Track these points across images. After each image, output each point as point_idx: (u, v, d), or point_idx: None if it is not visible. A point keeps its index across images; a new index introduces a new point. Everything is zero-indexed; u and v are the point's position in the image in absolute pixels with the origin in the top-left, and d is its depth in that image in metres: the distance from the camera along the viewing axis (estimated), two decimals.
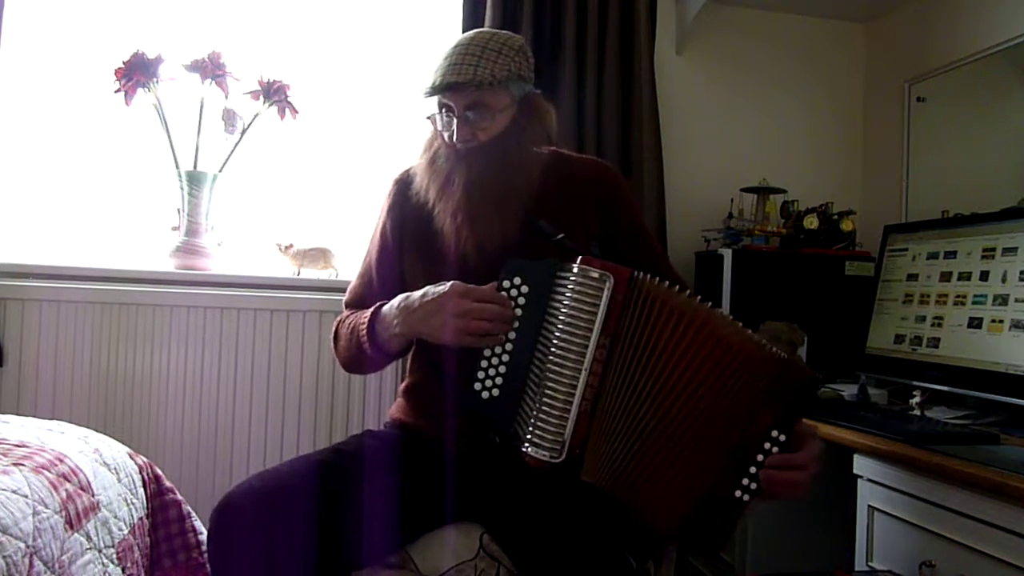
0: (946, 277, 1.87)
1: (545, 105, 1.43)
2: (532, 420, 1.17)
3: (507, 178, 1.35)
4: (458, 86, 1.31)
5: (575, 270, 1.17)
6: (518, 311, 1.23)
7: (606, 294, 1.15)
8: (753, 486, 1.15)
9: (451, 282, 1.26)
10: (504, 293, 1.23)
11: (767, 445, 1.15)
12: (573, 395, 1.15)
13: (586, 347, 1.15)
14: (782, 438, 1.15)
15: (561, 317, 1.16)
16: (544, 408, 1.16)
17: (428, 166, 1.41)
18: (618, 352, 1.15)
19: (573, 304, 1.16)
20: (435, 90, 1.34)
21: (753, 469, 1.16)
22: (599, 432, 1.16)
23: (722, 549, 1.28)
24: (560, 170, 1.45)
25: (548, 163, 1.45)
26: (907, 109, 2.41)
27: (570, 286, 1.17)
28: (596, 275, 1.15)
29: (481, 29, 1.43)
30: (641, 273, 1.17)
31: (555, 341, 1.17)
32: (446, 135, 1.37)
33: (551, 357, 1.16)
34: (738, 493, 1.16)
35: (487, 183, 1.34)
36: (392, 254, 1.49)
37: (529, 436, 1.17)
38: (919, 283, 1.95)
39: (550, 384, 1.16)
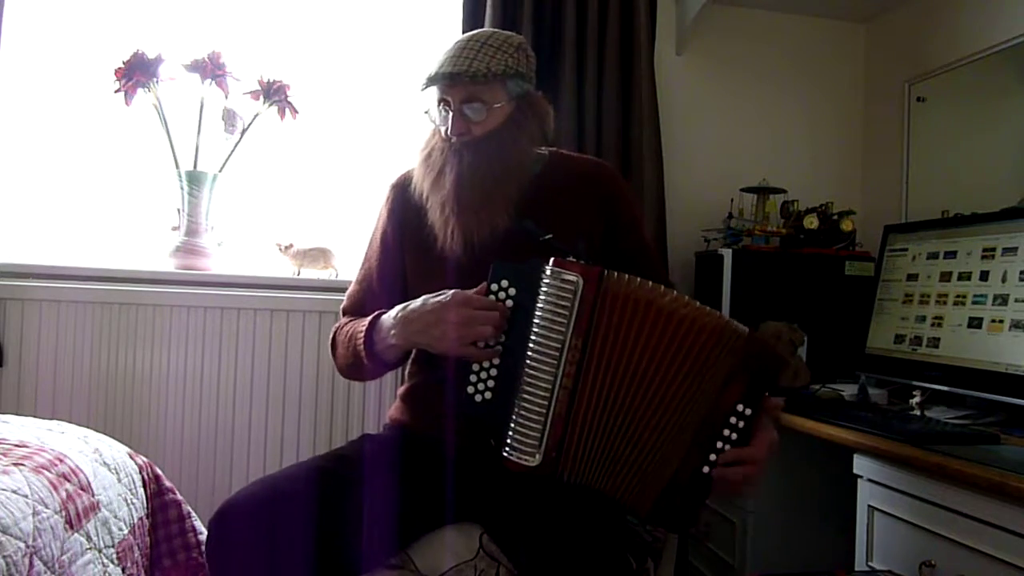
0: (946, 277, 1.87)
1: (544, 105, 1.44)
2: (512, 424, 1.18)
3: (499, 172, 1.35)
4: (454, 77, 1.32)
5: (548, 272, 1.17)
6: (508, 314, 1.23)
7: (577, 296, 1.16)
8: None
9: (452, 291, 1.25)
10: (492, 297, 1.23)
11: (733, 420, 1.17)
12: (548, 399, 1.16)
13: (559, 350, 1.16)
14: (748, 412, 1.17)
15: (536, 320, 1.17)
16: (522, 412, 1.17)
17: (424, 161, 1.42)
18: (591, 351, 1.16)
19: (545, 307, 1.17)
20: (431, 81, 1.36)
21: (720, 444, 1.17)
22: (577, 432, 1.17)
23: (692, 527, 1.29)
24: (560, 169, 1.46)
25: (548, 162, 1.47)
26: (907, 109, 2.41)
27: (544, 289, 1.17)
28: (569, 277, 1.16)
29: (482, 29, 1.43)
30: (610, 272, 1.17)
31: (531, 345, 1.17)
32: (442, 129, 1.38)
33: (528, 362, 1.17)
34: (706, 469, 1.17)
35: (478, 176, 1.34)
36: (394, 258, 1.48)
37: (509, 440, 1.18)
38: (919, 283, 1.95)
39: (526, 388, 1.17)
